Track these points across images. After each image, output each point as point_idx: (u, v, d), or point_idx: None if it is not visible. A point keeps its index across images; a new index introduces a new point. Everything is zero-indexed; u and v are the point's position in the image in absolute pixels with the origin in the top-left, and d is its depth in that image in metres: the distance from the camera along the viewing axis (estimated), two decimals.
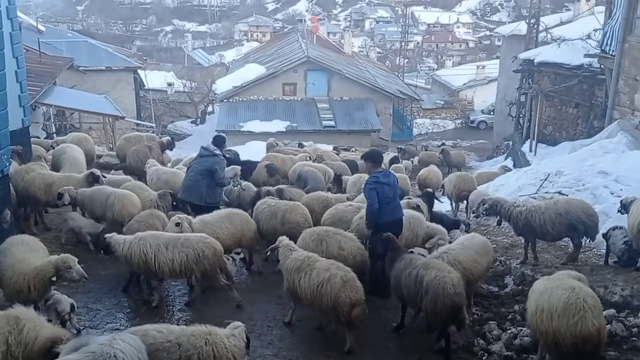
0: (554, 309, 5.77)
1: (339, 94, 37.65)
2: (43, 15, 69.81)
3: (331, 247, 8.27)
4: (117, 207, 9.80)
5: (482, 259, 8.08)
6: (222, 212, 9.61)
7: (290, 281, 7.40)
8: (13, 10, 12.75)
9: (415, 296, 6.99)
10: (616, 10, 17.46)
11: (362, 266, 8.21)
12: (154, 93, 41.10)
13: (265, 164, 14.58)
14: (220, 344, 5.50)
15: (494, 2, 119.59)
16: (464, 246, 8.10)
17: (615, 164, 12.96)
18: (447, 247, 8.21)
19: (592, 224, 9.24)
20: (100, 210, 10.12)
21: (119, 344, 4.89)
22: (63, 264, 6.88)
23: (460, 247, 8.06)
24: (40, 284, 6.85)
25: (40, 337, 5.45)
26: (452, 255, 7.80)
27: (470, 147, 39.38)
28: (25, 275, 6.82)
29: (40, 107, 21.66)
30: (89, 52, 34.99)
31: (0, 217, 8.93)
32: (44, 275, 6.84)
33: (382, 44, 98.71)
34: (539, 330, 5.95)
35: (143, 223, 9.00)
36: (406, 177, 14.97)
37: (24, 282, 6.79)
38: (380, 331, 7.77)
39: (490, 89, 49.15)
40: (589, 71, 20.86)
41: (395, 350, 7.37)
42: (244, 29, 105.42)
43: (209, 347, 5.45)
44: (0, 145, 8.96)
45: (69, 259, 6.95)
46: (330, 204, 10.65)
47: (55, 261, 6.92)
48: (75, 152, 13.33)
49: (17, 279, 6.82)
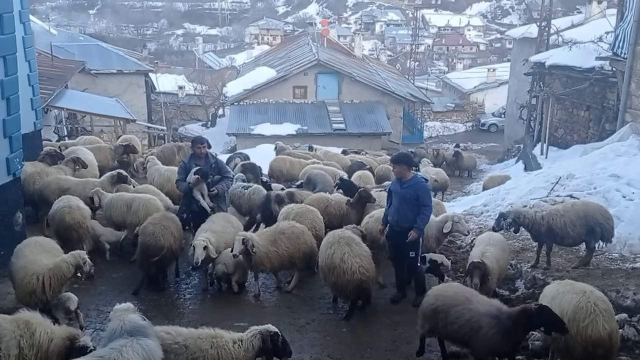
0: (564, 313, 5.75)
1: (350, 97, 37.61)
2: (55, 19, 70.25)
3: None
4: (142, 213, 9.73)
5: (507, 256, 8.61)
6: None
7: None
8: (25, 14, 12.90)
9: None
10: (628, 13, 17.32)
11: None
12: (165, 96, 41.22)
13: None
14: (225, 347, 5.55)
15: (504, 5, 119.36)
16: (494, 245, 8.25)
17: (627, 167, 12.86)
18: (481, 248, 8.19)
19: (608, 226, 9.17)
20: (119, 217, 10.04)
21: (129, 353, 4.92)
22: (81, 259, 6.97)
23: (494, 247, 8.19)
24: (57, 284, 6.89)
25: (56, 338, 5.50)
26: (493, 255, 7.93)
27: (481, 150, 39.25)
28: (38, 275, 6.83)
29: (52, 110, 21.78)
30: (101, 55, 35.13)
31: (12, 220, 9.00)
32: (63, 273, 6.89)
33: (392, 47, 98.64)
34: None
35: (158, 225, 8.94)
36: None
37: (38, 283, 6.80)
38: (390, 334, 7.76)
39: (501, 91, 48.98)
40: (600, 74, 20.71)
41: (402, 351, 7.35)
42: (254, 32, 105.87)
43: (214, 351, 5.52)
44: (12, 149, 9.04)
45: (82, 253, 7.08)
46: (331, 205, 10.69)
47: (72, 258, 6.97)
48: (87, 155, 13.38)
49: (30, 280, 6.84)
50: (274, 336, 5.74)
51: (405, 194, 8.33)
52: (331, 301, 8.68)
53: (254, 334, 5.76)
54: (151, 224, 8.96)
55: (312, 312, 8.39)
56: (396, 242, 8.54)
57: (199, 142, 10.02)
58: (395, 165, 8.73)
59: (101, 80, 32.11)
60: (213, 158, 10.14)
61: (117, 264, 9.75)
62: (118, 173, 11.21)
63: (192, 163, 9.80)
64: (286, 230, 8.88)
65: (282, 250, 8.66)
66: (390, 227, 8.61)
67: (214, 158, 10.17)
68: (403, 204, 8.36)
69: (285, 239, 8.74)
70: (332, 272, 8.00)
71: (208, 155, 10.04)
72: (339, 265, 7.91)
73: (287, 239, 8.75)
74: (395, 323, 8.03)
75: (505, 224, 9.45)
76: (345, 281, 7.86)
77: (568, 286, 6.10)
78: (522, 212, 9.58)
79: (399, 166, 8.55)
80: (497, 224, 9.56)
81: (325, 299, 8.82)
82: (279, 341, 5.78)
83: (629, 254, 9.77)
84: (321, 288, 9.25)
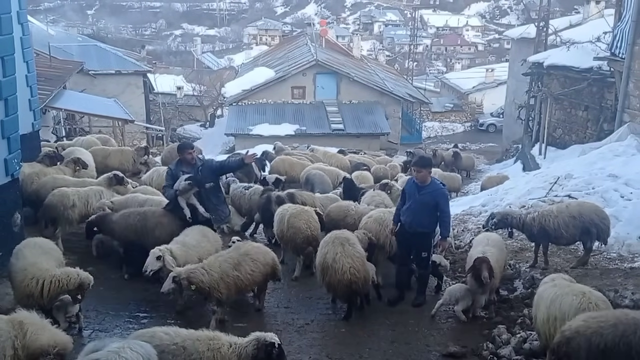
0: (566, 316, 5.74)
1: (348, 97, 37.64)
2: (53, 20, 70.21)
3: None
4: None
5: (505, 256, 8.71)
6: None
7: None
8: (23, 15, 12.87)
9: None
10: (626, 13, 17.34)
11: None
12: (164, 96, 41.18)
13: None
14: (220, 350, 5.55)
15: (503, 5, 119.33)
16: (493, 245, 8.27)
17: (626, 167, 12.86)
18: (481, 249, 8.18)
19: (604, 226, 9.17)
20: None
21: (127, 352, 4.93)
22: (88, 282, 6.95)
23: (493, 247, 8.20)
24: (56, 292, 6.85)
25: (37, 342, 5.50)
26: (495, 256, 7.94)
27: (480, 150, 39.25)
28: (38, 279, 6.80)
29: (50, 111, 21.78)
30: (99, 56, 35.16)
31: (10, 221, 8.98)
32: (64, 284, 6.85)
33: (391, 48, 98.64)
34: (552, 338, 5.84)
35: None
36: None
37: (37, 287, 6.77)
38: (389, 334, 7.76)
39: (499, 92, 49.01)
40: (598, 74, 20.74)
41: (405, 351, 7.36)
42: (253, 33, 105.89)
43: (211, 353, 5.51)
44: (10, 149, 9.02)
45: (90, 278, 7.03)
46: (349, 215, 10.40)
47: (83, 277, 6.95)
48: (85, 155, 13.37)
49: (29, 283, 6.80)
50: (269, 346, 5.60)
51: (423, 200, 8.16)
52: (330, 301, 8.68)
53: (250, 340, 5.69)
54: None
55: (311, 313, 8.40)
56: (407, 243, 8.51)
57: (189, 147, 9.40)
58: (421, 169, 8.24)
59: (99, 80, 32.15)
60: (200, 161, 9.42)
61: (115, 266, 9.73)
62: (114, 175, 11.16)
63: (180, 170, 9.07)
64: (251, 252, 7.98)
65: (245, 275, 7.70)
66: (402, 228, 8.47)
67: (200, 161, 9.45)
68: (420, 208, 8.20)
69: (251, 262, 7.81)
70: (325, 271, 7.99)
71: (197, 162, 9.26)
72: (331, 266, 7.89)
73: (253, 262, 7.83)
74: (394, 323, 8.03)
75: (491, 224, 9.66)
76: (336, 281, 7.84)
77: (566, 288, 6.08)
78: (509, 213, 9.78)
79: (425, 170, 8.20)
80: (487, 223, 9.83)
81: (324, 299, 8.82)
82: (273, 352, 5.62)
83: (627, 253, 9.76)
84: (320, 288, 9.22)
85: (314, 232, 9.57)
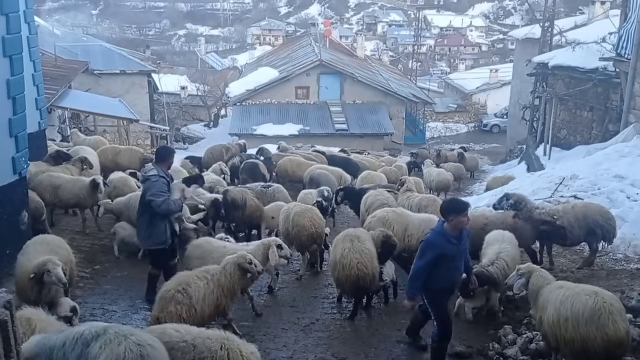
0: (580, 316, 5.70)
1: (352, 97, 37.65)
2: (58, 19, 70.36)
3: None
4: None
5: (519, 253, 8.53)
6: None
7: None
8: (30, 14, 12.91)
9: None
10: (631, 14, 17.31)
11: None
12: (168, 96, 41.24)
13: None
14: (236, 350, 5.39)
15: (507, 6, 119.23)
16: (509, 242, 8.24)
17: (631, 167, 12.86)
18: (497, 247, 8.10)
19: (609, 227, 9.18)
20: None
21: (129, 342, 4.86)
22: (43, 266, 6.65)
23: (508, 244, 8.17)
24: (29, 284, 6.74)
25: None
26: (510, 254, 7.94)
27: (484, 151, 39.21)
28: (26, 274, 6.81)
29: (56, 110, 21.83)
30: (104, 55, 35.23)
31: (17, 219, 9.01)
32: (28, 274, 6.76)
33: (394, 48, 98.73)
34: (564, 339, 5.85)
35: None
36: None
37: (27, 282, 6.78)
38: (394, 334, 7.76)
39: (503, 92, 48.93)
40: (603, 74, 20.68)
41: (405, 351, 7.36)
42: (256, 33, 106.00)
43: (224, 352, 5.37)
44: (18, 148, 9.04)
45: (52, 261, 6.70)
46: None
47: (38, 262, 6.72)
48: (90, 155, 13.40)
49: (21, 277, 6.90)
50: None
51: (462, 248, 6.50)
52: (335, 301, 8.70)
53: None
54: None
55: (316, 312, 8.41)
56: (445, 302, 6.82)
57: (173, 153, 8.56)
58: (462, 214, 6.26)
59: (104, 80, 32.23)
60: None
61: (121, 263, 9.77)
62: (92, 179, 10.82)
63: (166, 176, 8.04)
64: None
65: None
66: (437, 292, 6.51)
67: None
68: (461, 260, 6.55)
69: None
70: (335, 267, 8.06)
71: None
72: (339, 261, 7.95)
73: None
74: (399, 323, 8.01)
75: (506, 204, 9.58)
76: (344, 276, 7.88)
77: (576, 288, 6.04)
78: (525, 200, 9.69)
79: (461, 216, 6.27)
80: (499, 202, 9.73)
81: (329, 299, 8.84)
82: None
83: (634, 254, 9.77)
84: (325, 288, 9.29)
85: (318, 229, 9.69)
